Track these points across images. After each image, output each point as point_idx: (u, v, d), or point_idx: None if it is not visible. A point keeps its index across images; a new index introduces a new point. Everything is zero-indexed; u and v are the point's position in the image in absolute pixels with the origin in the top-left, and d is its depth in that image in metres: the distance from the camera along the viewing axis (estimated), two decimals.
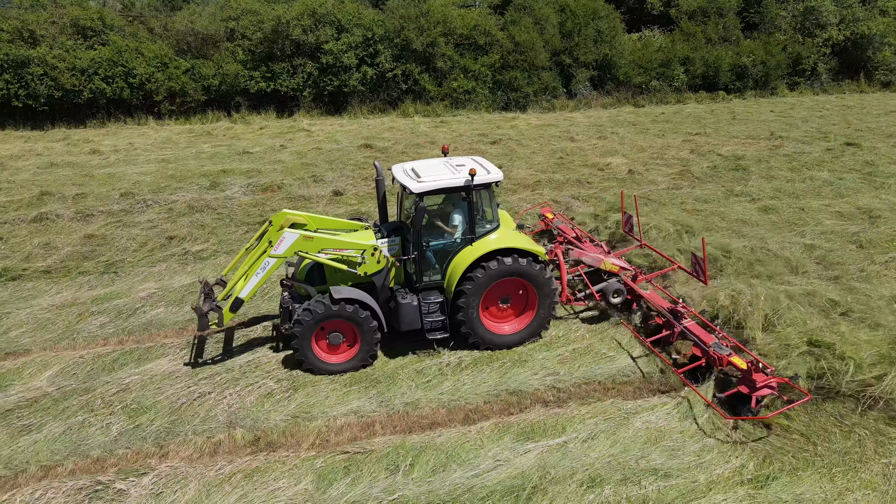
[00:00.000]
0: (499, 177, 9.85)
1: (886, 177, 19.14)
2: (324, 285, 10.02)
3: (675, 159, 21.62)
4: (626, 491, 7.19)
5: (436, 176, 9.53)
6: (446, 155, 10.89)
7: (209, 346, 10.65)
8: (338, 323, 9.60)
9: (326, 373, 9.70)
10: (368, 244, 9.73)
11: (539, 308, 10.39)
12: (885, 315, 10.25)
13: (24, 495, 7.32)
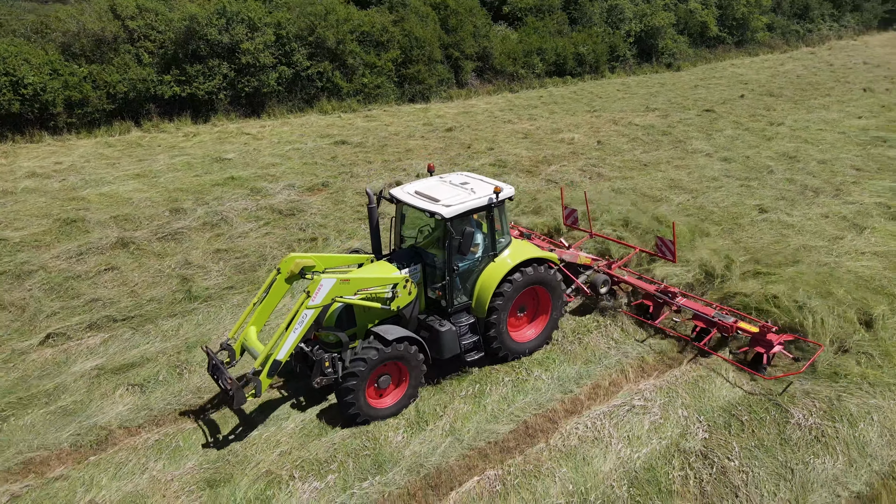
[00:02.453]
0: (512, 192, 9.90)
1: (765, 131, 26.02)
2: (353, 328, 9.55)
3: (612, 131, 26.31)
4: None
5: (459, 198, 9.36)
6: (432, 173, 10.77)
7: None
8: (388, 365, 9.06)
9: (379, 419, 9.12)
10: (400, 277, 9.42)
11: (552, 311, 10.79)
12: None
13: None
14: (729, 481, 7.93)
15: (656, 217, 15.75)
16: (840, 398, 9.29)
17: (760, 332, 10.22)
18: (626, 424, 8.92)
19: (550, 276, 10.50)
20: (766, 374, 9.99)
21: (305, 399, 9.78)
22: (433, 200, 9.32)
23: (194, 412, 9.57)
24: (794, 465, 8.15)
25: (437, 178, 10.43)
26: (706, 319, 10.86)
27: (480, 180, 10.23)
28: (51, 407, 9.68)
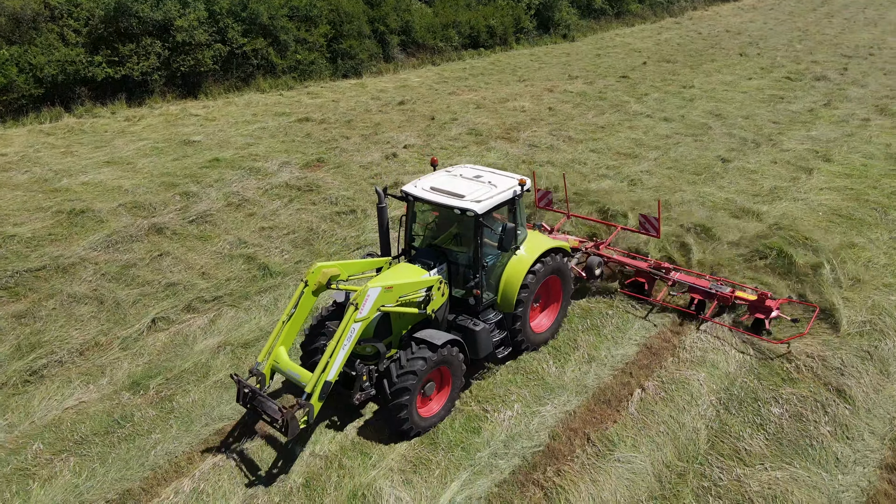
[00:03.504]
0: (529, 183, 9.66)
1: (682, 93, 29.20)
2: (389, 336, 9.10)
3: (554, 99, 28.29)
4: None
5: (484, 192, 9.16)
6: (436, 168, 10.44)
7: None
8: (433, 371, 8.65)
9: (427, 430, 8.76)
10: (434, 278, 9.09)
11: (563, 299, 10.81)
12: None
13: None
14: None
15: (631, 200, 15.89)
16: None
17: (759, 300, 10.73)
18: (718, 343, 10.73)
19: (564, 265, 10.52)
20: (771, 337, 10.47)
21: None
22: (457, 196, 9.00)
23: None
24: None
25: (443, 172, 10.05)
26: (704, 291, 11.18)
27: (491, 172, 10.03)
28: (206, 382, 9.86)
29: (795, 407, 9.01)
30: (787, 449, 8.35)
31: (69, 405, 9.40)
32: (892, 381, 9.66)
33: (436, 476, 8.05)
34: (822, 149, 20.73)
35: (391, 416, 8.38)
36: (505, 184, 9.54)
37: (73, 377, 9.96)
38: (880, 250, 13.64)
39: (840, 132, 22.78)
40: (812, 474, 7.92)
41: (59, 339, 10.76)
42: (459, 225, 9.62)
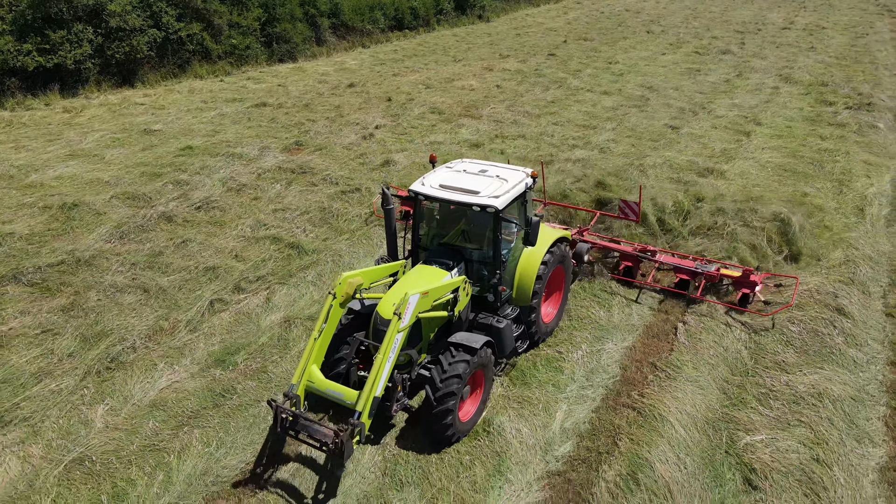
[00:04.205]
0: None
1: (610, 69, 31.31)
2: (419, 342, 8.87)
3: (496, 77, 29.52)
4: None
5: (497, 187, 9.13)
6: (434, 164, 10.32)
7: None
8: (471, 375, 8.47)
9: (466, 434, 8.59)
10: (459, 279, 8.94)
11: (565, 288, 10.95)
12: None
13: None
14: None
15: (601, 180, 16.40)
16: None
17: (744, 275, 11.30)
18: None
19: (567, 254, 10.72)
20: (759, 310, 11.13)
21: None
22: (472, 193, 8.94)
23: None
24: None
25: (445, 168, 9.95)
26: (690, 271, 11.66)
27: (493, 165, 10.01)
28: (290, 353, 10.31)
29: (810, 325, 10.78)
30: (815, 357, 10.07)
31: (163, 386, 9.57)
32: (873, 299, 11.70)
33: (541, 409, 9.09)
34: (750, 114, 23.30)
35: (435, 422, 8.11)
36: (515, 177, 9.49)
37: (154, 360, 10.08)
38: (828, 197, 15.94)
39: (758, 99, 25.57)
40: (840, 374, 9.67)
41: (122, 327, 10.74)
42: (474, 221, 9.47)
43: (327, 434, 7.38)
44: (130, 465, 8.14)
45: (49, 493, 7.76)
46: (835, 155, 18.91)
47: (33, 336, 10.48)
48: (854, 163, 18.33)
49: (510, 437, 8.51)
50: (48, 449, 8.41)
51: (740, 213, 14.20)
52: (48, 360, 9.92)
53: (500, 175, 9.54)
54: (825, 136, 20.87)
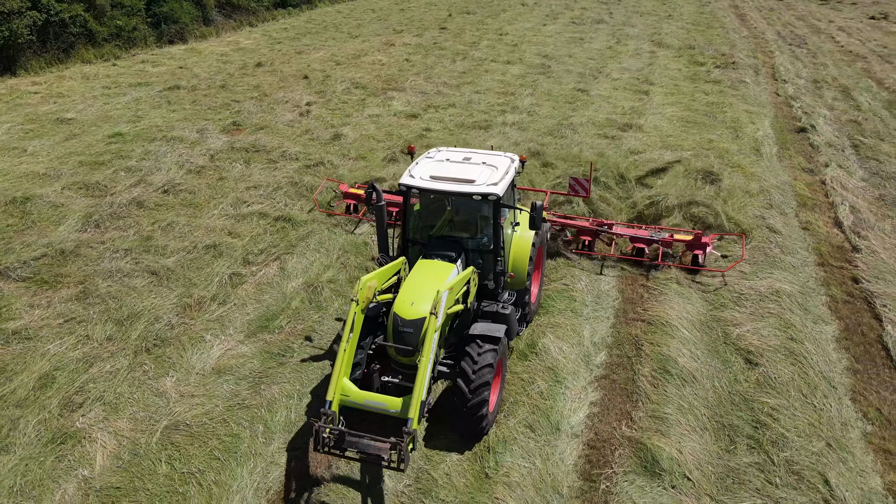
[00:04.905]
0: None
1: (503, 39, 33.12)
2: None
3: (401, 52, 30.30)
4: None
5: (490, 174, 9.08)
6: (413, 155, 10.34)
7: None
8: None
9: (491, 426, 8.49)
10: (469, 271, 8.77)
11: (542, 268, 11.06)
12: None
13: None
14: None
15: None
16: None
17: (695, 238, 12.17)
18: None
19: (545, 235, 10.94)
20: (716, 266, 12.17)
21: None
22: (468, 182, 8.86)
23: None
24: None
25: (425, 159, 9.75)
26: (646, 240, 12.37)
27: (473, 152, 9.97)
28: (328, 311, 10.97)
29: (754, 244, 13.09)
30: (764, 266, 12.36)
31: (219, 354, 9.90)
32: (789, 217, 14.33)
33: (570, 331, 10.53)
34: (641, 76, 26.08)
35: (471, 414, 7.99)
36: (503, 162, 9.50)
37: (199, 333, 10.32)
38: (728, 142, 18.70)
39: (642, 63, 28.54)
40: (786, 276, 12.00)
41: (149, 308, 10.77)
42: (470, 210, 9.40)
43: (382, 447, 7.09)
44: (226, 423, 8.58)
45: (158, 456, 8.06)
46: (721, 107, 21.94)
47: (58, 326, 10.28)
48: (738, 112, 21.43)
49: (556, 354, 9.88)
50: (135, 422, 8.61)
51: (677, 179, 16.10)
52: (90, 346, 9.86)
53: (487, 161, 9.46)
54: (707, 91, 24.00)
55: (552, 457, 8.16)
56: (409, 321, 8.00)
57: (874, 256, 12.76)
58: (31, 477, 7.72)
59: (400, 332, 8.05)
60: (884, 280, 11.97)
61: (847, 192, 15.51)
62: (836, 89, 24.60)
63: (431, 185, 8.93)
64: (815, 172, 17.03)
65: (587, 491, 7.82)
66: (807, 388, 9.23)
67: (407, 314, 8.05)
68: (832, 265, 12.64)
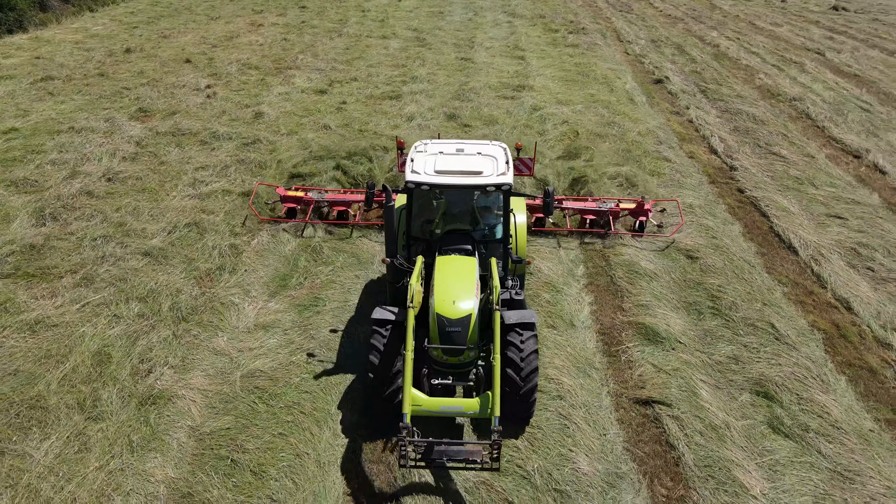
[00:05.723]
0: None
1: (368, 16, 34.05)
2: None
3: (272, 32, 30.20)
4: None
5: (494, 164, 9.09)
6: (402, 150, 10.56)
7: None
8: None
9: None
10: (492, 261, 8.74)
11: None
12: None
13: None
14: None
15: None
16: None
17: (638, 206, 13.16)
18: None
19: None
20: (661, 231, 13.08)
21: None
22: (475, 174, 8.84)
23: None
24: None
25: (418, 154, 9.46)
26: (595, 211, 13.02)
27: (456, 143, 9.86)
28: (336, 264, 11.93)
29: (665, 176, 15.91)
30: (673, 187, 15.18)
31: (254, 314, 10.57)
32: (676, 150, 17.41)
33: (549, 254, 12.48)
34: (510, 44, 28.62)
35: (524, 402, 8.04)
36: (498, 151, 9.55)
37: (228, 298, 10.86)
38: (607, 95, 21.67)
39: (506, 32, 31.15)
40: (690, 193, 14.90)
41: (163, 284, 10.98)
42: (479, 201, 9.49)
43: (474, 450, 7.14)
44: (296, 364, 9.46)
45: (249, 399, 8.81)
46: (588, 67, 25.03)
47: (78, 311, 10.28)
48: (604, 70, 24.64)
49: (547, 272, 11.79)
50: (209, 377, 9.18)
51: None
52: (124, 323, 10.04)
53: (483, 152, 9.48)
54: (571, 54, 27.09)
55: (577, 345, 10.09)
56: (456, 320, 7.96)
57: (747, 172, 16.16)
58: (141, 434, 8.17)
59: (448, 332, 7.97)
60: (760, 188, 15.32)
61: (711, 127, 19.05)
62: (671, 47, 28.90)
63: (442, 180, 8.74)
64: (681, 114, 20.52)
65: (613, 362, 9.87)
66: (736, 269, 12.01)
67: (452, 314, 7.99)
68: (720, 182, 15.86)
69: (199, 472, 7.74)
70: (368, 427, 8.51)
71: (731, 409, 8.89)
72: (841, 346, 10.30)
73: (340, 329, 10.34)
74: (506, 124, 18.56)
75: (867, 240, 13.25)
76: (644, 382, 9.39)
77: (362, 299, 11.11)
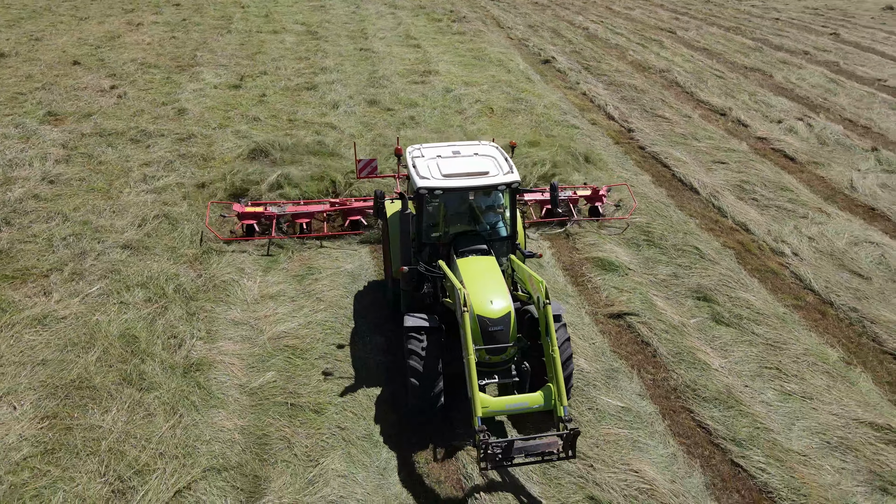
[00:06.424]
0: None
1: (251, 13, 33.88)
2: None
3: (158, 30, 29.38)
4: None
5: (496, 163, 9.30)
6: (399, 157, 10.46)
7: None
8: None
9: None
10: (512, 257, 9.17)
11: None
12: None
13: None
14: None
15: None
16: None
17: (593, 192, 13.83)
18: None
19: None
20: (620, 213, 14.04)
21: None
22: (482, 175, 8.98)
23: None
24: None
25: (417, 160, 9.50)
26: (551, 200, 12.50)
27: (450, 145, 10.04)
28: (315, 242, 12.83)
29: (575, 142, 18.08)
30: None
31: (257, 287, 11.25)
32: (580, 118, 19.72)
33: None
34: (401, 33, 29.96)
35: (564, 386, 7.98)
36: (495, 151, 9.78)
37: (227, 276, 11.44)
38: (506, 75, 23.67)
39: (393, 23, 32.44)
40: (602, 153, 17.17)
41: (157, 271, 11.30)
42: (482, 200, 9.61)
43: (551, 442, 7.26)
44: (316, 321, 10.38)
45: (286, 355, 9.63)
46: (482, 52, 27.01)
47: (81, 303, 10.43)
48: (496, 54, 26.72)
49: None
50: (238, 342, 9.85)
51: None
52: (134, 309, 10.35)
53: (480, 152, 9.71)
54: (462, 41, 28.97)
55: (549, 280, 11.82)
56: (498, 319, 8.10)
57: (643, 132, 18.79)
58: (198, 395, 8.80)
59: (490, 332, 8.09)
60: (656, 145, 17.96)
61: (603, 97, 21.64)
62: (548, 31, 31.66)
63: (453, 183, 8.86)
64: (574, 88, 23.01)
65: (583, 290, 11.72)
66: (656, 210, 14.33)
67: (493, 313, 8.11)
68: (623, 142, 18.34)
69: (264, 418, 8.57)
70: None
71: (682, 312, 11.02)
72: (748, 257, 12.86)
73: (345, 290, 11.34)
74: (426, 106, 19.99)
75: (746, 178, 16.15)
76: (612, 301, 11.32)
77: (355, 265, 12.13)
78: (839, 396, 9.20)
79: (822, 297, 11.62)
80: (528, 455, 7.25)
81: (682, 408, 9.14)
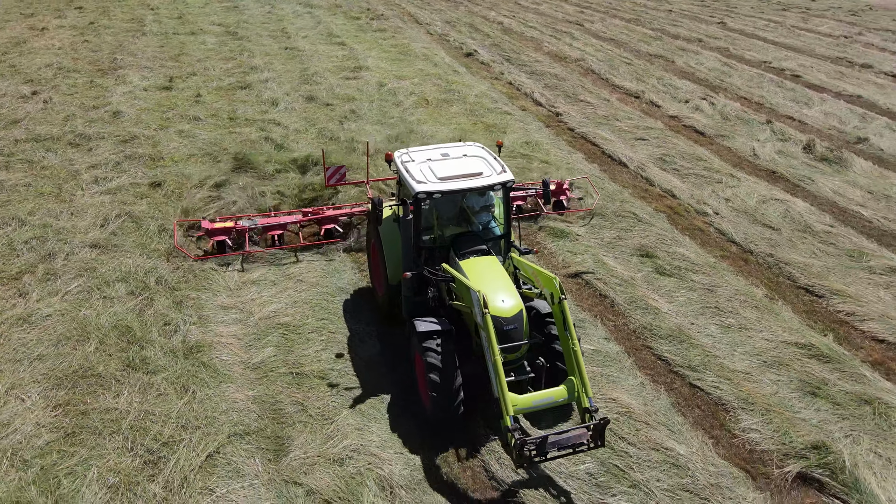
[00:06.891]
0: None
1: (166, 16, 33.12)
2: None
3: (66, 34, 28.29)
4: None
5: (488, 163, 9.37)
6: (391, 163, 9.88)
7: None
8: None
9: None
10: (514, 255, 9.28)
11: None
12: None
13: None
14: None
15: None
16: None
17: (557, 187, 14.31)
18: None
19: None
20: (581, 205, 14.52)
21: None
22: (477, 176, 9.02)
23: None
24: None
25: (409, 164, 9.40)
26: (522, 197, 13.88)
27: (436, 147, 10.00)
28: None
29: (510, 128, 19.29)
30: (523, 133, 18.63)
31: (237, 275, 11.65)
32: (508, 105, 20.98)
33: None
34: (324, 32, 30.31)
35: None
36: (481, 151, 9.86)
37: (206, 266, 11.75)
38: (440, 70, 24.63)
39: (312, 21, 32.75)
40: (535, 135, 18.48)
41: (133, 266, 11.47)
42: (479, 201, 9.71)
43: (581, 433, 7.40)
44: (304, 300, 10.96)
45: (281, 332, 10.16)
46: (406, 48, 27.86)
47: (63, 301, 10.51)
48: (420, 49, 27.65)
49: None
50: (231, 325, 10.29)
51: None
52: (119, 303, 10.52)
53: (468, 153, 9.73)
54: (384, 37, 29.70)
55: None
56: (512, 318, 8.19)
57: (570, 115, 20.30)
58: (205, 373, 9.22)
59: (505, 331, 8.16)
60: (583, 126, 19.48)
61: (528, 85, 23.04)
62: (465, 26, 32.91)
63: (451, 185, 8.88)
64: (499, 78, 24.30)
65: (541, 255, 12.87)
66: (595, 183, 15.70)
67: (506, 312, 8.19)
68: (553, 125, 19.76)
69: (272, 387, 9.12)
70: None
71: (629, 267, 12.39)
72: (677, 219, 14.46)
73: (323, 270, 11.94)
74: (363, 100, 20.65)
75: (665, 151, 17.92)
76: (568, 263, 12.54)
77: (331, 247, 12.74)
78: (768, 325, 10.79)
79: (743, 247, 13.34)
80: (563, 448, 7.35)
81: (642, 346, 10.45)
